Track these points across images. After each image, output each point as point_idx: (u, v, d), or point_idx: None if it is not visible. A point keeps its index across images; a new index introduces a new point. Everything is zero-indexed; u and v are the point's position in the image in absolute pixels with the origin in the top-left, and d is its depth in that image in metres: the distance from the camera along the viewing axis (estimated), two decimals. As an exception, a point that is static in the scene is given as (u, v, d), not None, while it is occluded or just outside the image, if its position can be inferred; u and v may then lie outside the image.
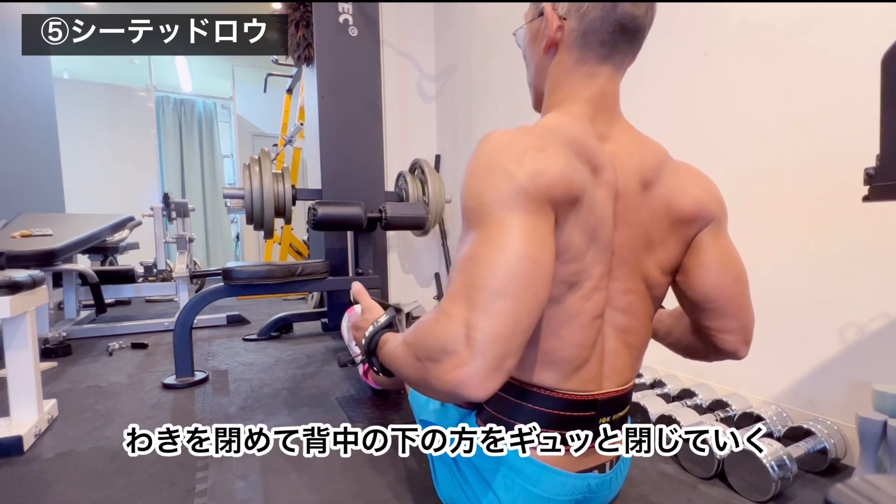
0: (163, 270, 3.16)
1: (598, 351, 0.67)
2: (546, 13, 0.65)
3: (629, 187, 0.65)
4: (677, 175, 0.70)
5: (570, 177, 0.56)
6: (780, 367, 1.15)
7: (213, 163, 5.93)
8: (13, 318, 1.14)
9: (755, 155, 1.20)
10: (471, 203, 0.56)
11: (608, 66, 0.65)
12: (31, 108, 3.59)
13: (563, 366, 0.64)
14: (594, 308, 0.64)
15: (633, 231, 0.65)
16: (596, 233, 0.61)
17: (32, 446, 1.15)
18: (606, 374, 0.68)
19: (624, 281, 0.67)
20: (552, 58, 0.67)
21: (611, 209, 0.63)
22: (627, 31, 0.63)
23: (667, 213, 0.67)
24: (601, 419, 0.68)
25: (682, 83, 1.39)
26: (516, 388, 0.67)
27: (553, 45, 0.66)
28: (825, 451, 0.98)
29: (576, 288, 0.62)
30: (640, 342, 0.73)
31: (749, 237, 1.22)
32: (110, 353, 2.08)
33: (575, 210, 0.58)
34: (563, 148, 0.58)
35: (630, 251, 0.66)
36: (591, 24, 0.62)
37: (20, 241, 2.09)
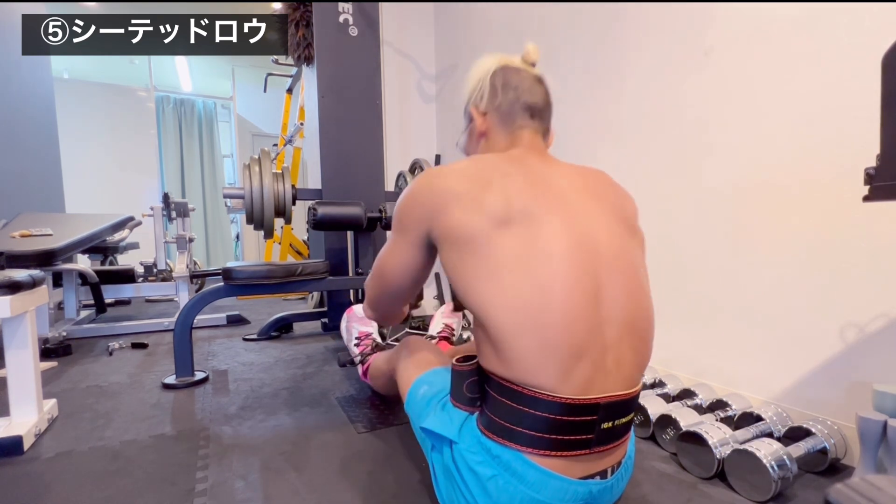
0: (163, 270, 3.16)
1: (598, 352, 0.67)
2: (473, 115, 0.88)
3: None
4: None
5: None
6: (781, 367, 1.15)
7: (213, 163, 5.93)
8: (13, 318, 1.14)
9: (755, 155, 1.20)
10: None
11: (527, 131, 0.85)
12: (31, 107, 3.59)
13: (554, 366, 0.65)
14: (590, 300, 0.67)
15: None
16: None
17: (32, 446, 1.15)
18: (609, 376, 0.68)
19: (616, 276, 0.71)
20: (485, 142, 0.88)
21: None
22: (533, 110, 0.85)
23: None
24: (603, 424, 0.67)
25: (681, 83, 1.38)
26: (513, 391, 0.67)
27: (483, 134, 0.88)
28: (825, 451, 0.98)
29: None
30: (647, 342, 0.75)
31: (749, 237, 1.22)
32: (110, 352, 2.08)
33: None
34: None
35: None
36: (505, 112, 0.85)
37: (20, 241, 2.09)
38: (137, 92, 5.52)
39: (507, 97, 0.84)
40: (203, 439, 1.18)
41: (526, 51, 0.88)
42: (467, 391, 0.74)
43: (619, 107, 1.61)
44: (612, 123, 1.64)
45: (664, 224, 1.45)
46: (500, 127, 0.86)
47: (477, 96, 0.87)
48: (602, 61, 1.68)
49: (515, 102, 0.84)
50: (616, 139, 1.63)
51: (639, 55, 1.53)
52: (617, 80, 1.62)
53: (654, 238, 1.49)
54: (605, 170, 0.86)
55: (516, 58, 0.88)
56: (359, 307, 1.48)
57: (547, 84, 0.88)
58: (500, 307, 0.66)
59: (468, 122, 0.91)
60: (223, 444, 1.16)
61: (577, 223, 0.70)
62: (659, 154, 1.47)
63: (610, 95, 1.65)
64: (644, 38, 1.51)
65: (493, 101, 0.85)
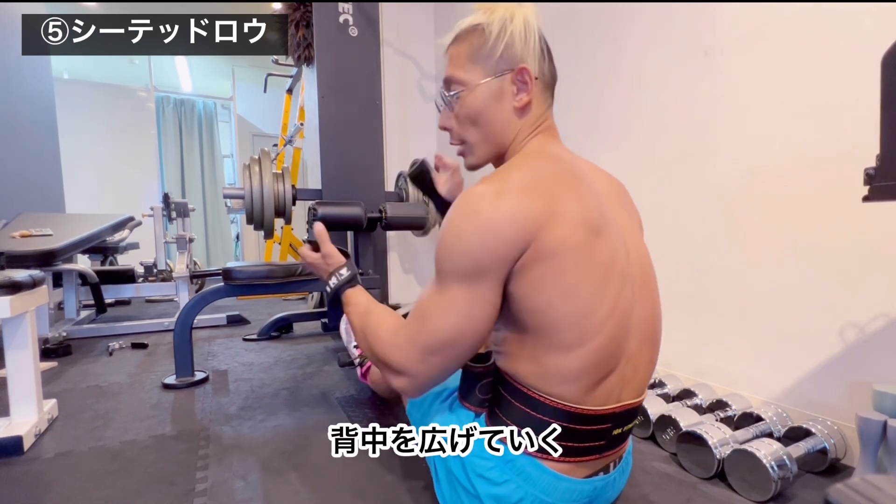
0: (163, 270, 3.16)
1: (623, 364, 0.67)
2: (525, 75, 0.69)
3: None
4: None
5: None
6: (781, 367, 1.15)
7: (213, 163, 5.93)
8: (13, 318, 1.14)
9: (755, 155, 1.20)
10: None
11: (550, 114, 0.76)
12: (32, 108, 3.59)
13: (587, 381, 0.64)
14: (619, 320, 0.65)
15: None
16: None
17: (32, 446, 1.15)
18: (627, 385, 0.68)
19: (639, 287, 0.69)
20: (525, 115, 0.73)
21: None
22: (556, 80, 0.75)
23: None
24: (615, 430, 0.68)
25: (681, 83, 1.39)
26: (535, 400, 0.66)
27: (526, 106, 0.71)
28: (825, 451, 0.98)
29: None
30: (658, 351, 0.74)
31: (749, 237, 1.22)
32: (110, 353, 2.08)
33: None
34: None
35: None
36: (547, 79, 0.73)
37: (20, 241, 2.09)
38: (137, 92, 5.52)
39: (551, 66, 0.73)
40: (203, 439, 1.18)
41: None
42: (479, 392, 0.72)
43: (620, 106, 1.61)
44: (613, 123, 1.65)
45: (664, 224, 1.45)
46: (539, 102, 0.72)
47: (523, 50, 0.69)
48: (601, 61, 1.68)
49: (552, 70, 0.73)
50: (616, 139, 1.63)
51: (638, 55, 1.53)
52: (616, 80, 1.62)
53: (654, 237, 1.49)
54: (605, 169, 0.84)
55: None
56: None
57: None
58: (566, 321, 0.61)
59: (492, 73, 0.70)
60: (223, 444, 1.16)
61: (623, 233, 0.68)
62: (659, 154, 1.47)
63: (610, 95, 1.65)
64: (644, 38, 1.51)
65: (541, 63, 0.70)
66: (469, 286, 0.62)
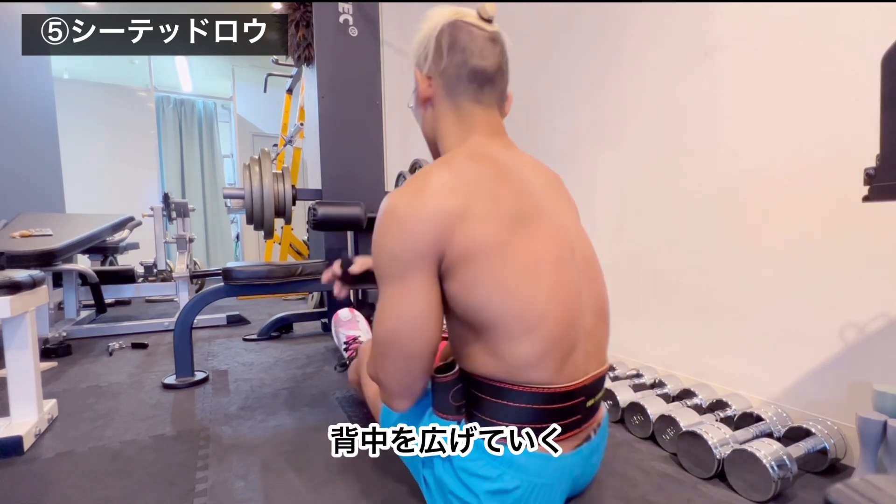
0: (163, 270, 3.16)
1: (583, 340, 0.71)
2: (416, 77, 0.81)
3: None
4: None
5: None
6: (780, 367, 1.15)
7: (213, 163, 5.93)
8: (13, 318, 1.14)
9: (755, 155, 1.20)
10: None
11: (478, 109, 0.78)
12: (32, 108, 3.59)
13: (550, 362, 0.67)
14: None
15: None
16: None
17: (33, 446, 1.15)
18: (590, 358, 0.73)
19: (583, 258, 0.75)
20: (431, 109, 0.81)
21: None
22: (482, 77, 0.77)
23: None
24: (588, 402, 0.73)
25: (681, 83, 1.39)
26: (510, 391, 0.68)
27: (427, 100, 0.81)
28: (825, 451, 0.98)
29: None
30: (608, 323, 0.80)
31: (748, 237, 1.22)
32: (110, 353, 2.08)
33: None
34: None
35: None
36: (451, 77, 0.77)
37: (20, 241, 2.09)
38: (137, 92, 5.52)
39: (452, 60, 0.76)
40: (203, 439, 1.18)
41: (482, 6, 0.77)
42: (452, 400, 0.72)
43: (618, 106, 1.61)
44: (610, 123, 1.65)
45: (663, 224, 1.45)
46: (446, 96, 0.78)
47: (421, 56, 0.79)
48: (600, 61, 1.68)
49: (462, 66, 0.76)
50: (614, 139, 1.63)
51: (638, 55, 1.53)
52: (615, 80, 1.62)
53: (652, 238, 1.49)
54: (602, 170, 0.87)
55: (472, 12, 0.78)
56: (343, 312, 1.48)
57: (504, 42, 0.80)
58: (507, 314, 0.64)
59: (414, 84, 0.83)
60: (223, 444, 1.16)
61: (559, 222, 0.73)
62: (658, 154, 1.47)
63: (608, 95, 1.65)
64: (643, 38, 1.51)
65: (437, 64, 0.77)
66: (398, 285, 0.66)
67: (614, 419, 1.25)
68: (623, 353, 1.62)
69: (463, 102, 0.78)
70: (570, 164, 1.85)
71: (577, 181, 1.82)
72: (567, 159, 1.87)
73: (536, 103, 2.06)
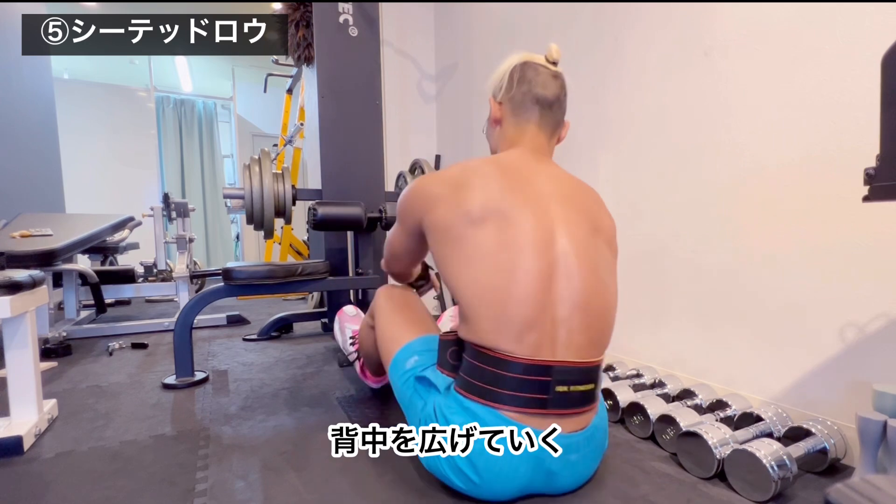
0: (163, 270, 3.16)
1: (548, 324, 0.80)
2: (491, 103, 1.00)
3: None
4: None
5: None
6: (780, 367, 1.15)
7: (213, 163, 5.93)
8: (13, 318, 1.14)
9: (755, 155, 1.20)
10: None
11: (532, 125, 0.95)
12: (32, 108, 3.59)
13: (506, 331, 0.78)
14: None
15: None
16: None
17: (33, 446, 1.15)
18: (559, 345, 0.80)
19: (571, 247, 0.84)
20: (499, 129, 1.00)
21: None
22: (542, 102, 0.94)
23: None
24: (558, 387, 0.79)
25: (682, 83, 1.39)
26: (482, 353, 0.81)
27: (497, 121, 0.99)
28: (825, 451, 0.98)
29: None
30: (602, 321, 0.86)
31: (748, 237, 1.22)
32: (110, 353, 2.08)
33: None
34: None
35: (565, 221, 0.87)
36: (517, 103, 0.95)
37: (20, 242, 2.09)
38: (137, 92, 5.52)
39: (520, 89, 0.94)
40: (203, 439, 1.18)
41: (549, 50, 0.96)
42: (450, 358, 0.88)
43: (618, 107, 1.62)
44: (611, 124, 1.65)
45: (662, 224, 1.45)
46: (511, 116, 0.96)
47: (497, 87, 0.98)
48: (601, 60, 1.68)
49: (527, 94, 0.94)
50: (615, 140, 1.64)
51: (638, 54, 1.53)
52: (616, 80, 1.62)
53: (652, 239, 1.49)
54: (602, 171, 0.90)
55: (540, 56, 0.97)
56: (349, 307, 1.50)
57: (564, 81, 0.98)
58: (470, 287, 0.81)
59: (490, 111, 1.02)
60: (223, 444, 1.15)
61: (544, 221, 0.83)
62: (658, 154, 1.47)
63: (609, 95, 1.65)
64: (643, 38, 1.51)
65: (508, 92, 0.95)
66: (400, 227, 1.00)
67: (614, 419, 1.25)
68: (623, 352, 1.62)
69: (523, 123, 0.95)
70: (571, 166, 1.85)
71: (577, 181, 1.82)
72: (567, 161, 1.87)
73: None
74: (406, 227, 0.98)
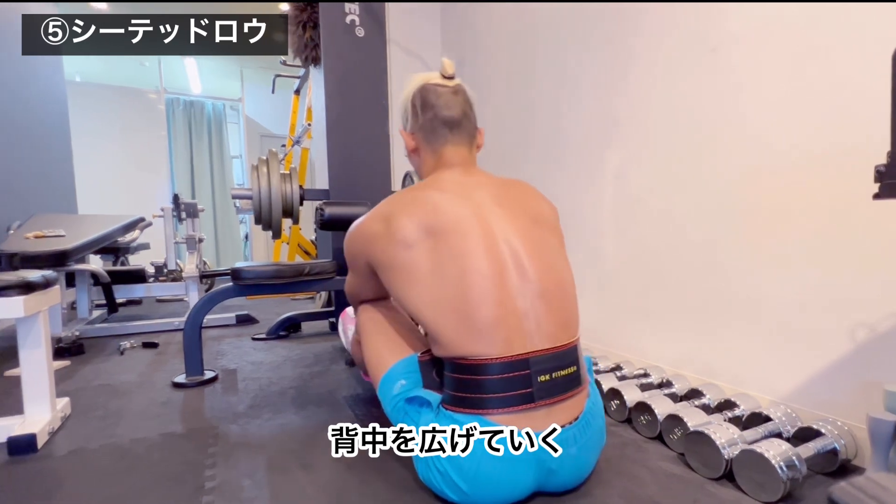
0: (173, 270, 3.19)
1: (513, 318, 0.81)
2: (403, 136, 1.05)
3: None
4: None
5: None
6: (790, 367, 1.14)
7: (223, 164, 5.98)
8: (27, 318, 1.16)
9: (764, 152, 1.19)
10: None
11: (448, 147, 0.99)
12: (45, 110, 3.64)
13: (481, 335, 0.79)
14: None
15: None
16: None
17: (46, 444, 1.17)
18: (530, 336, 0.81)
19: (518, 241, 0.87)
20: (418, 157, 1.05)
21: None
22: (451, 123, 0.98)
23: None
24: (540, 377, 0.80)
25: (690, 79, 1.37)
26: (458, 364, 0.82)
27: (415, 150, 1.04)
28: (835, 451, 0.96)
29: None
30: (565, 304, 0.88)
31: (757, 234, 1.21)
32: (121, 352, 2.10)
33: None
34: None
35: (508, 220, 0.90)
36: (428, 130, 0.99)
37: (34, 242, 2.12)
38: (148, 94, 5.58)
39: (426, 116, 0.98)
40: (212, 437, 1.19)
41: (442, 66, 0.99)
42: (436, 376, 0.89)
43: (626, 104, 1.60)
44: (619, 122, 1.64)
45: (671, 222, 1.44)
46: (426, 143, 1.00)
47: (404, 118, 1.04)
48: (608, 58, 1.67)
49: (434, 119, 0.98)
50: (623, 138, 1.62)
51: (645, 51, 1.52)
52: (624, 78, 1.61)
53: (660, 236, 1.48)
54: (610, 169, 0.90)
55: (435, 74, 1.00)
56: (351, 308, 1.50)
57: (466, 92, 1.01)
58: (426, 305, 0.83)
59: (405, 141, 1.07)
60: (231, 442, 1.17)
61: (483, 224, 0.86)
62: (665, 152, 1.46)
63: (615, 92, 1.64)
64: (650, 35, 1.50)
65: (416, 122, 1.00)
66: (353, 272, 1.08)
67: (621, 419, 1.25)
68: (630, 352, 1.61)
69: (439, 147, 0.99)
70: (578, 164, 1.85)
71: (585, 180, 1.81)
72: (574, 159, 1.86)
73: (541, 103, 2.05)
74: (358, 271, 1.03)
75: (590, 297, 1.76)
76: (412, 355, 0.94)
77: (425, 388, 0.89)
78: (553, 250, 0.92)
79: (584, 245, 1.79)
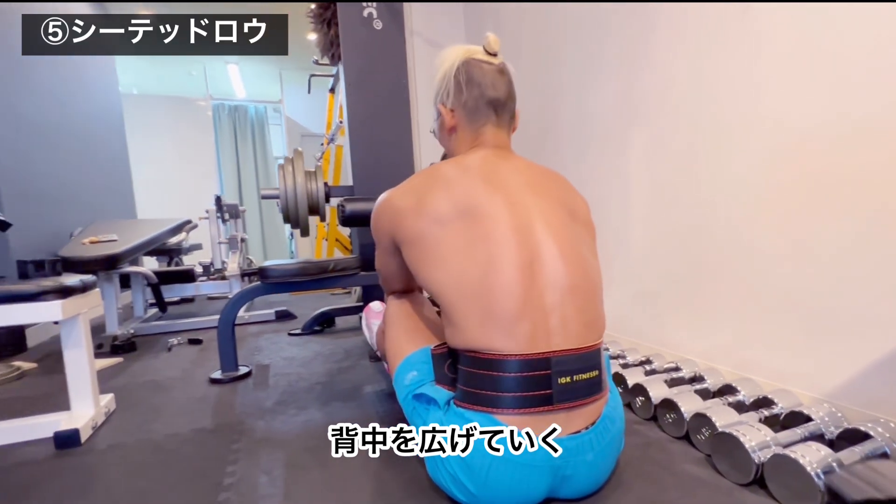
0: (219, 269, 3.35)
1: (538, 313, 0.76)
2: (441, 111, 0.97)
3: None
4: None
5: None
6: (836, 361, 1.03)
7: (266, 164, 6.21)
8: (68, 320, 1.24)
9: (804, 127, 1.07)
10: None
11: (489, 127, 0.94)
12: (103, 123, 3.91)
13: (504, 328, 0.75)
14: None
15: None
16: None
17: (90, 438, 1.25)
18: (554, 334, 0.77)
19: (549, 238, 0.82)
20: (455, 135, 0.98)
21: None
22: (497, 104, 0.93)
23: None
24: (560, 379, 0.75)
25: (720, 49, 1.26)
26: (474, 358, 0.78)
27: (452, 129, 0.97)
28: (886, 455, 0.86)
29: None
30: (592, 302, 0.83)
31: (797, 216, 1.09)
32: (169, 348, 2.23)
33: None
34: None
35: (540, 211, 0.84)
36: (470, 109, 0.93)
37: (88, 248, 2.28)
38: (197, 102, 5.87)
39: (471, 94, 0.92)
40: (237, 433, 1.23)
41: (487, 41, 0.92)
42: (448, 371, 0.85)
43: (651, 80, 1.50)
44: (644, 100, 1.53)
45: (701, 205, 1.34)
46: (467, 123, 0.95)
47: (444, 92, 0.95)
48: (632, 32, 1.57)
49: (480, 99, 0.92)
50: (648, 117, 1.52)
51: (672, 21, 1.41)
52: (647, 52, 1.50)
53: (691, 221, 1.38)
54: (636, 151, 0.85)
55: (479, 49, 0.93)
56: (375, 303, 1.50)
57: (510, 72, 0.95)
58: (449, 286, 0.79)
59: (437, 115, 0.99)
60: (255, 438, 1.20)
61: (517, 212, 0.81)
62: (695, 130, 1.35)
63: (640, 69, 1.54)
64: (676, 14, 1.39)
65: (458, 98, 0.93)
66: (379, 249, 1.03)
67: (646, 416, 1.18)
68: (661, 344, 1.52)
69: (479, 126, 0.94)
70: (601, 149, 1.76)
71: (609, 167, 1.72)
72: (597, 144, 1.77)
73: (561, 87, 1.96)
74: (384, 247, 0.98)
75: (618, 287, 1.68)
76: (427, 347, 0.92)
77: (437, 382, 0.87)
78: (586, 247, 0.88)
79: (611, 233, 1.71)
